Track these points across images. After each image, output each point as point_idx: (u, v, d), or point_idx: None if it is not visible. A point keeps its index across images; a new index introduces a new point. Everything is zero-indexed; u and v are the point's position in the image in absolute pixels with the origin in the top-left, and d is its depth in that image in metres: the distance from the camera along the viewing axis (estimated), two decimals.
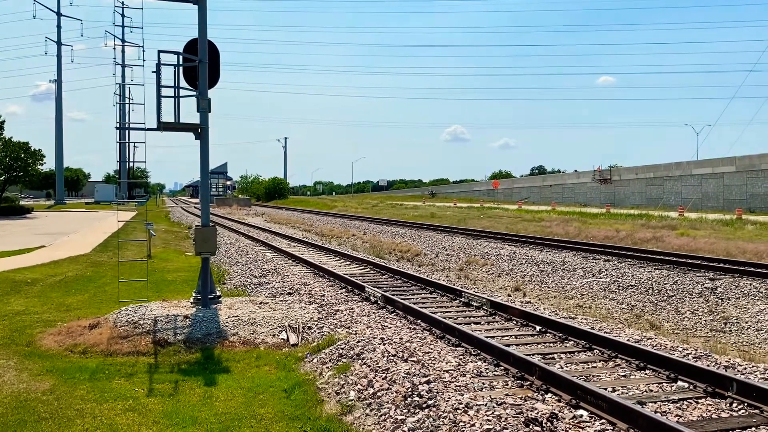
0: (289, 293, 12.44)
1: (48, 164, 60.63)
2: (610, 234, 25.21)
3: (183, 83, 10.31)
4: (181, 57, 10.26)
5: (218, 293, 10.86)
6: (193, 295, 10.64)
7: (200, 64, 10.20)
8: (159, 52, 9.89)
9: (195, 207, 66.64)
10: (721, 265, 15.57)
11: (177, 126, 10.22)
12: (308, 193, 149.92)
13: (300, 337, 9.23)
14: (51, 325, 9.90)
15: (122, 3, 56.32)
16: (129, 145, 12.61)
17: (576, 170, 72.84)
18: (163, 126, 10.07)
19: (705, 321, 11.50)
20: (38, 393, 6.76)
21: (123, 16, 69.18)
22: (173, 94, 10.11)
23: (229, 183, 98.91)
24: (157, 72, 9.94)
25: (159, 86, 9.97)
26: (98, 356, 8.29)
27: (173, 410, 6.34)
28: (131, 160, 61.08)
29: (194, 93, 10.30)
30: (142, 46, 11.01)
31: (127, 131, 11.15)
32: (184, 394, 6.84)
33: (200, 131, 10.34)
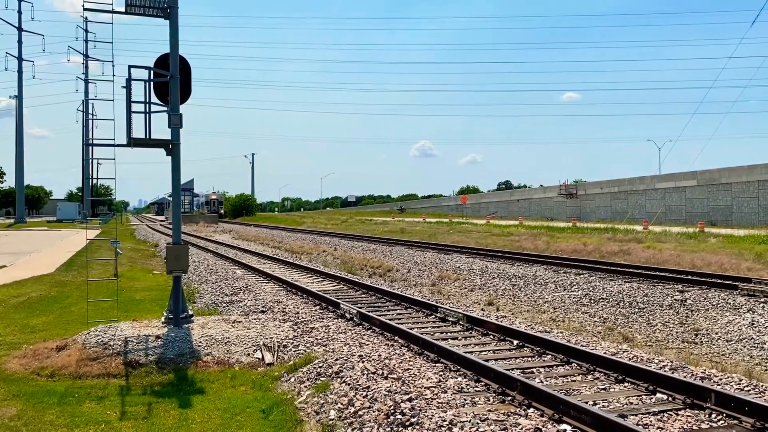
0: (263, 311, 12.25)
1: (8, 182, 59.25)
2: (578, 248, 25.51)
3: (154, 99, 10.15)
4: (152, 72, 10.10)
5: (190, 312, 10.63)
6: (165, 314, 10.40)
7: (172, 79, 10.05)
8: (130, 67, 9.72)
9: (161, 224, 65.60)
10: (689, 277, 15.84)
11: (148, 142, 10.03)
12: (276, 209, 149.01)
13: (276, 356, 9.07)
14: (16, 347, 9.56)
15: (85, 18, 55.61)
16: (92, 162, 12.34)
17: (542, 185, 73.91)
18: (134, 142, 9.87)
19: (676, 333, 11.67)
20: (5, 419, 6.49)
21: (86, 31, 68.35)
22: (144, 110, 9.93)
23: (215, 197, 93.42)
24: (128, 87, 9.76)
25: (129, 101, 9.79)
26: (67, 379, 8.01)
27: None
28: (95, 176, 60.01)
29: (166, 108, 10.14)
30: (112, 61, 10.75)
31: (93, 148, 10.91)
32: (158, 417, 6.64)
33: (172, 147, 10.16)
